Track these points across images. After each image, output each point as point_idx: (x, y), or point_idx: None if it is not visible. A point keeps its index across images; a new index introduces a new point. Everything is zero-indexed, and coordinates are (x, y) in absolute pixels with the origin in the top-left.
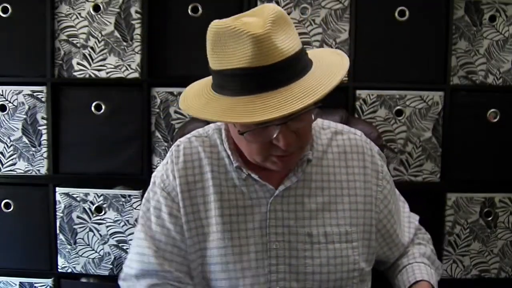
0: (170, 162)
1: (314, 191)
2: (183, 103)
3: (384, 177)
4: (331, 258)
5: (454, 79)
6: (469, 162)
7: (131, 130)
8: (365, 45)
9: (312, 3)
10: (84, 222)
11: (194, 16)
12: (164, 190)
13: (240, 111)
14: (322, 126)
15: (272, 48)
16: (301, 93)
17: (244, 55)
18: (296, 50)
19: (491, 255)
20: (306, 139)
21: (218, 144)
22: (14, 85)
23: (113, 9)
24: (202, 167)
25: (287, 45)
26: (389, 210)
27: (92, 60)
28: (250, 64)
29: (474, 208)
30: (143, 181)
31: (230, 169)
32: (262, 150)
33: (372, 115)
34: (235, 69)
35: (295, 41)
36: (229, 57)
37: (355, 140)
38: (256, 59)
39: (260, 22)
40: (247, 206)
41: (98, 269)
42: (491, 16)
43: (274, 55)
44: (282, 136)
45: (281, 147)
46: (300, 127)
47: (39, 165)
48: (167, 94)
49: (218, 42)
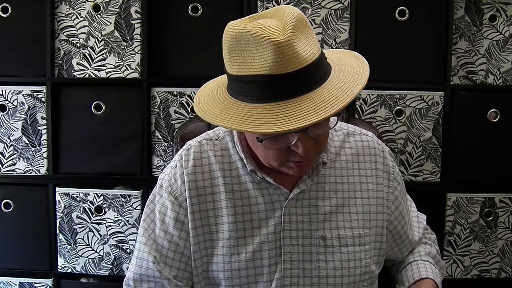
0: (180, 166)
1: (327, 193)
2: (197, 106)
3: (395, 178)
4: (345, 261)
5: (454, 79)
6: (469, 162)
7: (131, 130)
8: (365, 45)
9: (312, 3)
10: (84, 222)
11: (194, 16)
12: (172, 195)
13: (259, 120)
14: (335, 127)
15: (294, 55)
16: (322, 102)
17: (265, 62)
18: (316, 55)
19: (491, 255)
20: (324, 145)
21: (230, 147)
22: (14, 85)
23: (113, 9)
24: (212, 172)
25: (308, 52)
26: (400, 211)
27: (92, 60)
28: (271, 72)
29: (474, 208)
30: (143, 181)
31: (242, 172)
32: (280, 156)
33: (372, 115)
34: (254, 76)
35: (315, 46)
36: (248, 63)
37: (367, 141)
38: (277, 66)
39: (280, 27)
40: (261, 211)
41: (98, 269)
42: (491, 16)
43: (295, 62)
44: (301, 143)
45: (300, 154)
46: (319, 133)
47: (39, 165)
48: (167, 94)
49: (237, 46)
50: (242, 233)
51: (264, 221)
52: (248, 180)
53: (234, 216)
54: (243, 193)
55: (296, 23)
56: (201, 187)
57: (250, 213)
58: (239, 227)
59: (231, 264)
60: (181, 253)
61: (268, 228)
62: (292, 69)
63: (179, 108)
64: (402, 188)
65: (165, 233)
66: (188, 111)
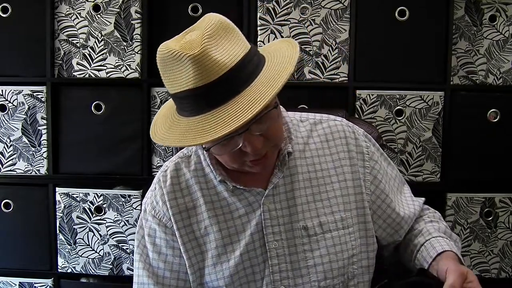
0: (159, 188)
1: (302, 183)
2: (151, 129)
3: (371, 158)
4: (330, 247)
5: (454, 79)
6: (469, 162)
7: (131, 130)
8: (365, 45)
9: (312, 3)
10: (84, 222)
11: (194, 16)
12: (156, 217)
13: (197, 132)
14: (301, 119)
15: (212, 64)
16: (249, 102)
17: (188, 77)
18: (240, 56)
19: (491, 255)
20: (277, 138)
21: (202, 160)
22: (14, 85)
23: (113, 9)
24: (190, 187)
25: (229, 56)
26: (382, 190)
27: (92, 60)
28: (196, 85)
29: (474, 208)
30: (143, 181)
31: (216, 183)
32: (235, 159)
33: (372, 115)
34: (183, 92)
35: (239, 47)
36: (178, 81)
37: (335, 126)
38: (199, 78)
39: (197, 39)
40: (242, 215)
41: (98, 269)
42: (491, 16)
43: (215, 70)
44: (248, 143)
45: (250, 153)
46: (264, 129)
47: (39, 165)
48: (167, 94)
49: (165, 67)
50: (228, 240)
51: (247, 224)
52: (223, 189)
53: (217, 225)
54: (222, 202)
55: (212, 32)
56: (182, 203)
57: (233, 219)
58: (224, 235)
59: (223, 272)
60: (178, 271)
61: (251, 229)
62: (214, 78)
63: None
64: (382, 166)
65: (159, 254)
66: None
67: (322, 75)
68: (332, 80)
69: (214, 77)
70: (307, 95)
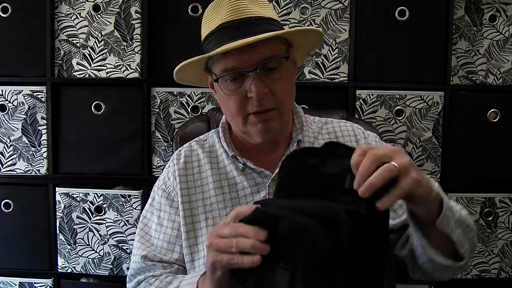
0: (172, 165)
1: None
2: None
3: None
4: None
5: (454, 79)
6: (469, 162)
7: (131, 130)
8: (365, 45)
9: (312, 3)
10: (84, 222)
11: (194, 16)
12: (166, 191)
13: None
14: (313, 120)
15: (244, 7)
16: (259, 35)
17: (223, 14)
18: (265, 15)
19: (491, 255)
20: (282, 95)
21: (216, 143)
22: (14, 85)
23: (113, 9)
24: (201, 166)
25: (259, 10)
26: None
27: (92, 60)
28: (228, 19)
29: (474, 208)
30: (143, 181)
31: (227, 163)
32: (240, 107)
33: (372, 115)
34: (218, 26)
35: (265, 11)
36: (215, 19)
37: (345, 126)
38: (230, 14)
39: None
40: (247, 195)
41: (98, 269)
42: (491, 16)
43: (245, 12)
44: (253, 85)
45: (254, 97)
46: (270, 78)
47: (39, 165)
48: (167, 94)
49: (208, 12)
50: None
51: (251, 203)
52: (233, 169)
53: (223, 202)
54: (230, 180)
55: None
56: (191, 180)
57: (238, 198)
58: (228, 212)
59: None
60: (174, 243)
61: None
62: (243, 16)
63: (179, 108)
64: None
65: (160, 226)
66: (188, 111)
67: (322, 75)
68: (332, 80)
69: (243, 15)
70: (307, 95)
